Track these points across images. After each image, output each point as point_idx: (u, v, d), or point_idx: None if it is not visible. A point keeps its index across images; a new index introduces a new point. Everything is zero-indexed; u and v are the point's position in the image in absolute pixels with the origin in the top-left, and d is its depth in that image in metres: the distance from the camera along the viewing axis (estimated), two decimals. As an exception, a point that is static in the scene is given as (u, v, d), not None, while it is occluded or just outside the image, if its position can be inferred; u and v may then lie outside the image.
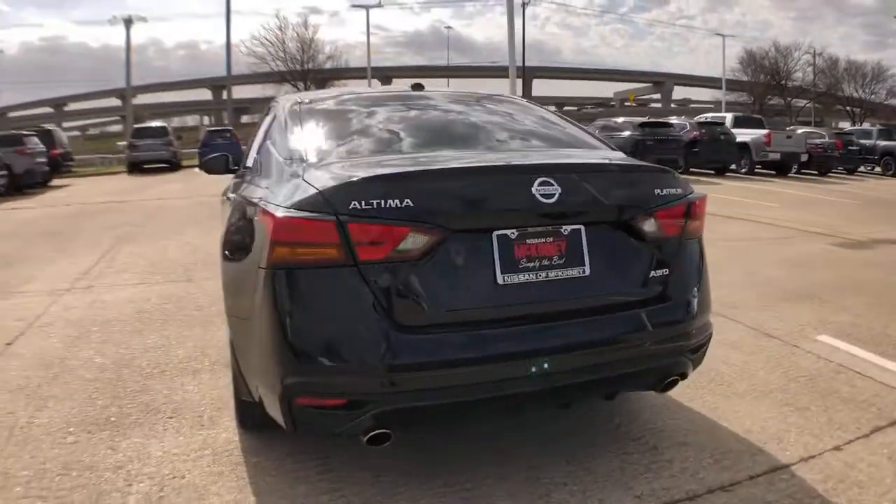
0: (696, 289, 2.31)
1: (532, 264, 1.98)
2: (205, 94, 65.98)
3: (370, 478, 2.26)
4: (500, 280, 1.94)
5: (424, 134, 2.50)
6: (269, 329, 1.89)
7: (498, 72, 57.88)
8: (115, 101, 70.74)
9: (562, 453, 2.43)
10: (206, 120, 66.34)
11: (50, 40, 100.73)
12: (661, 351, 2.18)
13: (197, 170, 21.54)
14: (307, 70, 39.93)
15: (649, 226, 2.17)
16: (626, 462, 2.39)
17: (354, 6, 40.61)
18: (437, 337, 1.87)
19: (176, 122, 59.78)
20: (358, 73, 42.20)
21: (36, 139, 17.07)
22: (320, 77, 40.65)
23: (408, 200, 1.85)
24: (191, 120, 68.57)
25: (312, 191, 1.89)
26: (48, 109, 73.31)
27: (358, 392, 1.85)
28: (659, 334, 2.15)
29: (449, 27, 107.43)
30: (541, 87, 69.25)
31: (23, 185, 15.11)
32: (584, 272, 2.04)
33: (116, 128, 63.75)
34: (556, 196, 1.98)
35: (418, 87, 3.10)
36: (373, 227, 1.82)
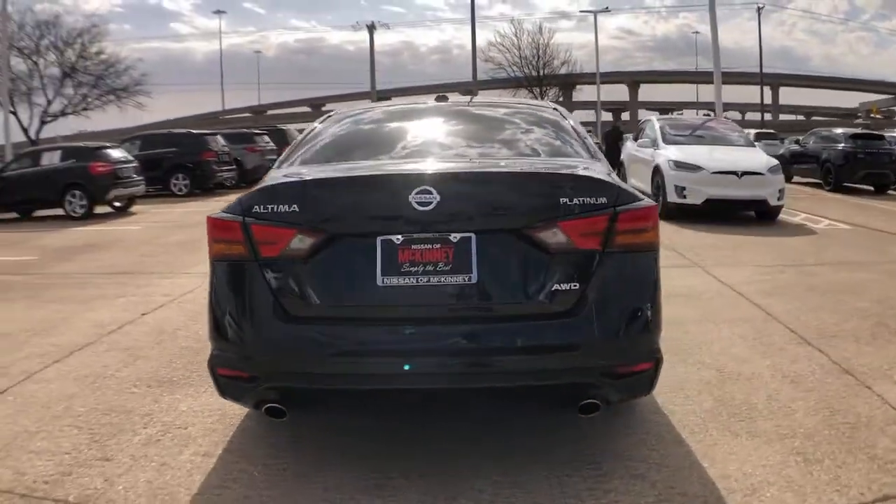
0: (624, 309, 2.16)
1: (415, 269, 2.07)
2: (458, 98, 68.91)
3: (314, 452, 2.56)
4: (379, 282, 2.08)
5: (375, 145, 2.74)
6: (207, 308, 2.30)
7: (743, 77, 53.27)
8: (370, 103, 77.84)
9: (506, 464, 2.44)
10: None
11: (307, 42, 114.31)
12: (564, 369, 2.09)
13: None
14: (542, 76, 40.87)
15: (551, 236, 2.09)
16: (561, 483, 2.33)
17: (583, 11, 41.44)
18: (319, 328, 2.11)
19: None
20: (594, 79, 41.80)
21: (266, 138, 18.89)
22: (555, 83, 41.47)
23: (295, 206, 2.12)
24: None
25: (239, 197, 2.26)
26: (306, 109, 79.97)
27: (253, 369, 2.17)
28: (558, 351, 2.08)
29: (696, 32, 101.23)
30: (790, 96, 63.82)
31: (253, 179, 17.78)
32: (470, 279, 2.07)
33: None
34: (434, 204, 2.05)
35: (442, 98, 3.30)
36: (267, 228, 2.13)
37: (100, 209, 12.03)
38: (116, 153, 12.75)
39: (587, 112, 48.46)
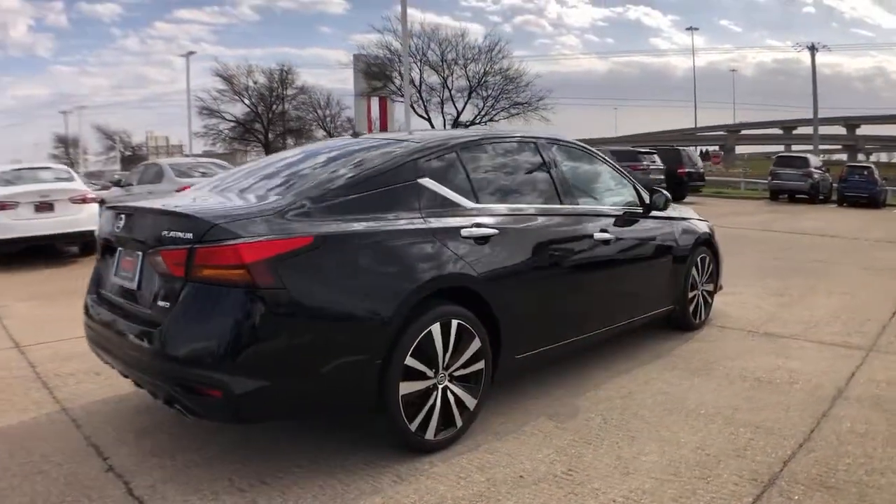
0: (194, 333, 2.41)
1: (124, 273, 2.88)
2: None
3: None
4: (112, 279, 2.95)
5: (207, 183, 3.52)
6: None
7: None
8: (838, 129, 70.67)
9: (272, 449, 2.83)
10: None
11: (784, 63, 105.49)
12: (156, 371, 2.49)
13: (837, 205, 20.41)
14: None
15: (158, 261, 2.57)
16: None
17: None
18: (100, 306, 3.00)
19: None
20: None
21: (656, 156, 18.40)
22: None
23: (100, 221, 3.17)
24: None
25: None
26: (778, 131, 77.39)
27: (84, 329, 3.16)
28: (150, 354, 2.49)
29: None
30: None
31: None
32: (133, 285, 2.77)
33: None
34: (120, 228, 2.90)
35: (355, 135, 3.81)
36: (98, 236, 3.23)
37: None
38: None
39: None
